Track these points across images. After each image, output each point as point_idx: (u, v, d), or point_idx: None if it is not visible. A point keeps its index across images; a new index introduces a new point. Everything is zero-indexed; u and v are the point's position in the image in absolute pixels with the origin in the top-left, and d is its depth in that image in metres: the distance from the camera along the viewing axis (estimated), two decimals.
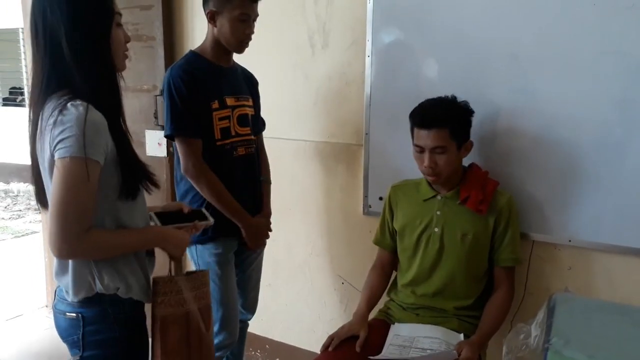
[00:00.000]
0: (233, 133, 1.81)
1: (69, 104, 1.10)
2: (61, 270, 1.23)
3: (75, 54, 1.13)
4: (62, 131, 1.08)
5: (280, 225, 2.04)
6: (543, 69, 1.72)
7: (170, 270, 1.37)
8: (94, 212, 1.15)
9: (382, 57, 2.03)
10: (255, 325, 2.19)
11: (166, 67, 2.52)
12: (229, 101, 1.80)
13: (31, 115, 1.19)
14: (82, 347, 1.23)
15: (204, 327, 1.37)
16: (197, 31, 2.50)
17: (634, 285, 1.69)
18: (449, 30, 1.86)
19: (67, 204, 1.09)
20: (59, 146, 1.09)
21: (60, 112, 1.09)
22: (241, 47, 1.79)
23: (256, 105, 1.98)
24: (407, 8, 1.94)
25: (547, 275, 1.83)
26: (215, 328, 1.85)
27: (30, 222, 5.61)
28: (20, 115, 7.53)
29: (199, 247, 1.83)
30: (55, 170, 1.10)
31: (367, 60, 2.05)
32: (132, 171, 1.22)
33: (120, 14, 1.21)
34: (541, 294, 1.83)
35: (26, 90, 7.79)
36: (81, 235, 1.12)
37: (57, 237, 1.10)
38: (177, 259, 1.38)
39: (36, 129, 1.17)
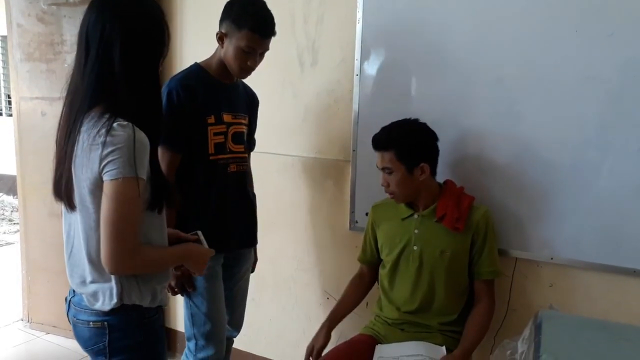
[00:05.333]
0: (227, 150, 1.81)
1: (115, 124, 1.12)
2: (97, 278, 1.23)
3: (127, 68, 1.17)
4: (111, 152, 1.11)
5: (267, 239, 2.05)
6: (526, 92, 1.77)
7: None
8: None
9: (370, 76, 2.07)
10: (239, 340, 2.18)
11: None
12: (226, 117, 1.80)
13: (67, 118, 1.21)
14: (109, 354, 1.26)
15: None
16: (186, 47, 2.51)
17: (612, 301, 1.74)
18: (436, 52, 1.91)
19: (123, 222, 1.14)
20: (108, 167, 1.12)
21: (108, 132, 1.11)
22: (242, 74, 1.79)
23: (251, 124, 1.98)
24: (395, 30, 1.99)
25: (529, 292, 1.88)
26: (202, 342, 1.83)
27: (5, 232, 5.47)
28: None
29: None
30: (107, 191, 1.13)
31: (356, 79, 2.09)
32: (161, 186, 1.26)
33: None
34: (524, 310, 1.87)
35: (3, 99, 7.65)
36: (136, 250, 1.17)
37: (114, 254, 1.14)
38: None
39: (70, 135, 1.18)
